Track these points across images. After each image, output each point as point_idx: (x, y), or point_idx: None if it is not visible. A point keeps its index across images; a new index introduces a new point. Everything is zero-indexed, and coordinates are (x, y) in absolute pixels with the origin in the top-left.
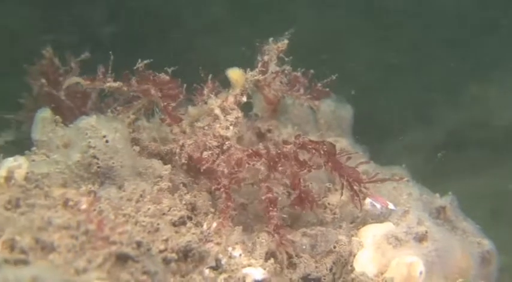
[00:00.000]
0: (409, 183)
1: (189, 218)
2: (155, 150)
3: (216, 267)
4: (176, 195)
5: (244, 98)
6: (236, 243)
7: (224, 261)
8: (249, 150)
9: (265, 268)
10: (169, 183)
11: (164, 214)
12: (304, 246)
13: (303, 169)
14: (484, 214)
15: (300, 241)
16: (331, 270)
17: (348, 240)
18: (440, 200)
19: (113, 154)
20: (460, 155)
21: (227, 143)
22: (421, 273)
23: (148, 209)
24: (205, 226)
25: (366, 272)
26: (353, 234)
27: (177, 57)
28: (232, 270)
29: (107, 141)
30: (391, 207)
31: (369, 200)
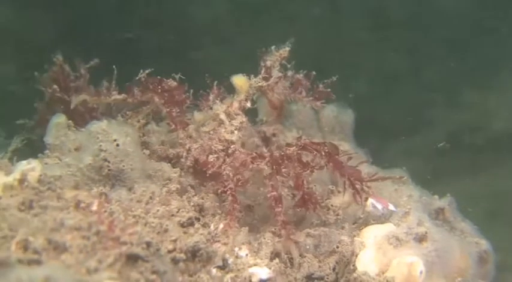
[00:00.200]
0: (409, 185)
1: (197, 219)
2: (164, 154)
3: (223, 267)
4: (184, 197)
5: (248, 104)
6: (242, 244)
7: (231, 261)
8: (253, 154)
9: (270, 267)
10: (177, 186)
11: (173, 215)
12: (308, 246)
13: (306, 170)
14: (482, 214)
15: (304, 241)
16: (334, 269)
17: (350, 241)
18: (439, 202)
19: (123, 157)
20: (460, 155)
21: (232, 146)
22: (421, 272)
23: (158, 211)
24: (212, 227)
25: (368, 272)
26: (355, 235)
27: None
28: (238, 270)
29: (117, 144)
30: (392, 208)
31: (371, 201)
